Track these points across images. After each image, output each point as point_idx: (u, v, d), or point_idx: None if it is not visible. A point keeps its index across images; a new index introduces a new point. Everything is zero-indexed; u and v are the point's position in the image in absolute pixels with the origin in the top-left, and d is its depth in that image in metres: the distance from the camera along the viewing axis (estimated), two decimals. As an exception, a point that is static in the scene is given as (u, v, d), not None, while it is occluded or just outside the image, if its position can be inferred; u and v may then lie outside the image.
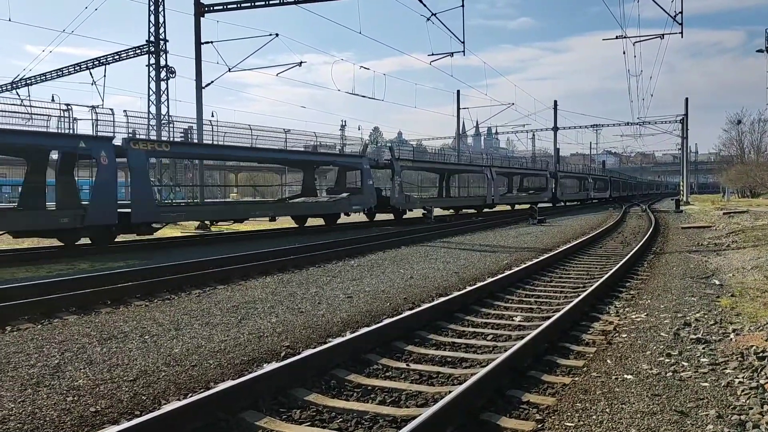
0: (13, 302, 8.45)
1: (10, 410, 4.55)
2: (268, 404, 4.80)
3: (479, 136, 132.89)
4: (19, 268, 13.31)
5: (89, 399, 4.84)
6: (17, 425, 4.30)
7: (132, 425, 3.94)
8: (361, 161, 27.54)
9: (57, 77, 36.06)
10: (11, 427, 4.27)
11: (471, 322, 7.88)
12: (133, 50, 32.56)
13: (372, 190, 27.46)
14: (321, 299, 9.13)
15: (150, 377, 5.40)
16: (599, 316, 8.04)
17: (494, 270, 12.33)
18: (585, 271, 12.41)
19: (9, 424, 4.32)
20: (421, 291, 9.91)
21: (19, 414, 4.49)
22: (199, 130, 23.46)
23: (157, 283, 10.25)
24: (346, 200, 26.35)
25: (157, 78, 31.29)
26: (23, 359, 5.90)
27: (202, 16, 26.73)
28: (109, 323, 7.54)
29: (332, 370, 5.62)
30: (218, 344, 6.51)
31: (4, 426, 4.28)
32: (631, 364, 5.78)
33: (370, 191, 27.15)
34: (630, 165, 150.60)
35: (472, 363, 6.02)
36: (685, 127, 63.26)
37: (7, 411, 4.54)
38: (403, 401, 4.96)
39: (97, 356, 6.02)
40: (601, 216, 34.80)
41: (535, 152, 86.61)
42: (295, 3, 25.94)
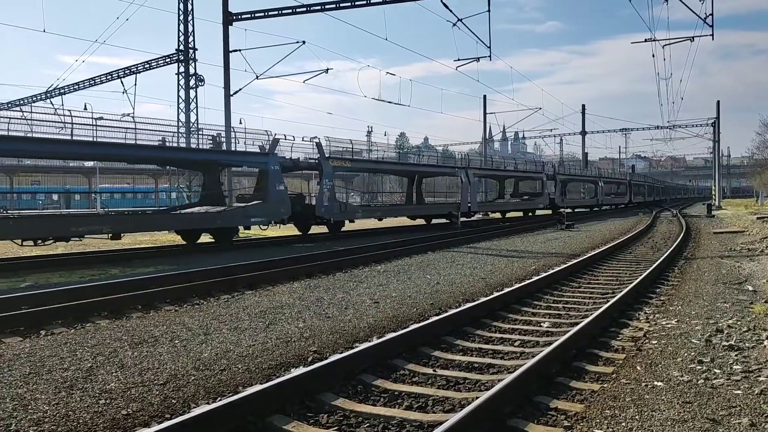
0: (47, 307, 8.63)
1: (44, 412, 4.66)
2: (295, 408, 4.84)
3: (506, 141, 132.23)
4: (53, 273, 13.59)
5: (121, 402, 4.93)
6: (51, 427, 4.40)
7: (162, 428, 4.01)
8: (267, 161, 21.28)
9: (89, 86, 36.76)
10: (46, 429, 4.37)
11: (498, 327, 7.84)
12: (163, 59, 33.07)
13: (282, 197, 21.50)
14: (348, 304, 9.16)
15: (180, 381, 5.48)
16: (629, 322, 7.94)
17: (521, 275, 12.25)
18: (614, 276, 12.25)
19: (44, 426, 4.42)
20: (448, 296, 9.88)
21: (53, 416, 4.59)
22: (228, 136, 23.72)
23: (186, 288, 10.39)
24: (239, 211, 20.66)
25: (186, 86, 31.74)
26: (57, 363, 6.03)
27: (231, 24, 27.07)
28: (140, 328, 7.66)
29: (359, 375, 5.64)
30: (246, 349, 6.57)
31: (39, 428, 4.38)
32: (662, 370, 5.70)
33: (278, 199, 21.22)
34: (660, 169, 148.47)
35: (499, 369, 5.99)
36: (716, 130, 62.17)
37: (42, 413, 4.65)
38: (429, 407, 4.96)
39: (129, 360, 6.13)
40: (631, 221, 34.33)
41: (562, 157, 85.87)
42: (321, 10, 26.12)
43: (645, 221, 32.54)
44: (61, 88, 36.11)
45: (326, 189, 23.26)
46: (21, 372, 5.70)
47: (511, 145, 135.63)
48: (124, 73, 34.08)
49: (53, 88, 36.02)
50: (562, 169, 53.27)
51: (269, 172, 21.20)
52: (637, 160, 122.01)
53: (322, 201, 23.06)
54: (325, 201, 23.16)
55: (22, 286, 11.57)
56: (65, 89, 36.17)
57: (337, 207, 23.98)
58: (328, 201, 23.32)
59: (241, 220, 20.54)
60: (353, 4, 25.77)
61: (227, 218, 19.90)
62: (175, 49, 31.61)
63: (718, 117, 61.60)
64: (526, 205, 43.32)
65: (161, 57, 33.14)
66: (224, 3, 26.96)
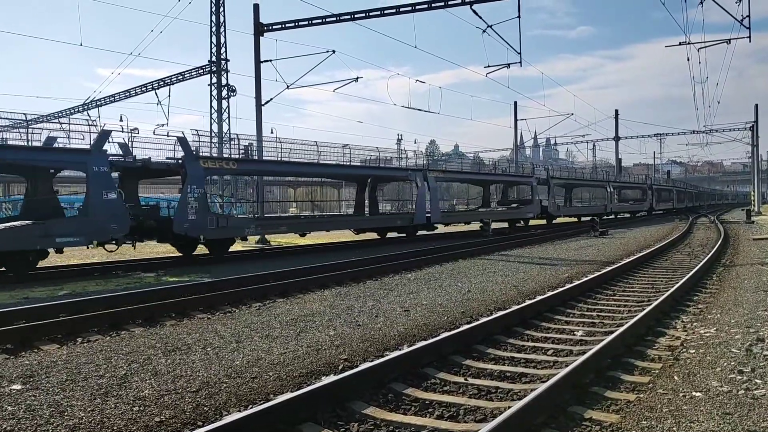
0: (84, 315, 8.80)
1: (80, 419, 4.73)
2: (326, 417, 4.83)
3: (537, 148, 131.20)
4: (89, 281, 13.86)
5: (154, 409, 4.98)
6: (87, 433, 4.46)
7: (194, 435, 4.03)
8: (87, 160, 15.64)
9: (125, 98, 37.58)
10: (81, 435, 4.43)
11: (530, 336, 7.74)
12: (196, 70, 33.65)
13: (113, 208, 15.78)
14: (378, 312, 9.14)
15: (212, 388, 5.52)
16: (665, 330, 7.76)
17: (554, 284, 12.09)
18: (650, 284, 12.02)
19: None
20: (479, 305, 9.80)
21: (89, 423, 4.66)
22: (259, 146, 23.96)
23: (218, 297, 10.49)
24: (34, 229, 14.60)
25: (218, 96, 32.22)
26: (93, 370, 6.13)
27: (262, 35, 27.42)
28: (173, 335, 7.75)
29: (389, 383, 5.61)
30: (277, 357, 6.60)
31: (74, 434, 4.45)
32: (700, 380, 5.55)
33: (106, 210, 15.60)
34: (697, 174, 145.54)
35: (531, 378, 5.91)
36: (755, 134, 60.82)
37: (77, 419, 4.72)
38: (461, 416, 4.91)
39: (162, 367, 6.19)
40: (667, 228, 33.71)
41: (595, 163, 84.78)
42: (351, 20, 26.28)
43: (681, 227, 31.92)
44: (98, 100, 36.98)
45: (192, 197, 17.78)
46: (58, 379, 5.81)
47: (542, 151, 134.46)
48: (158, 85, 34.75)
49: (90, 101, 36.89)
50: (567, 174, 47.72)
51: (90, 174, 15.74)
52: (672, 166, 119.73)
53: (185, 213, 17.57)
54: (191, 213, 17.64)
55: (60, 294, 11.82)
56: (101, 101, 37.02)
57: (212, 221, 18.31)
58: (196, 213, 17.74)
59: (38, 240, 14.63)
60: (382, 12, 25.88)
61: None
62: (208, 60, 32.17)
63: (756, 120, 60.27)
64: (510, 215, 36.76)
65: (194, 68, 33.74)
66: (255, 14, 27.33)
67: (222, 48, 32.23)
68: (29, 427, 4.56)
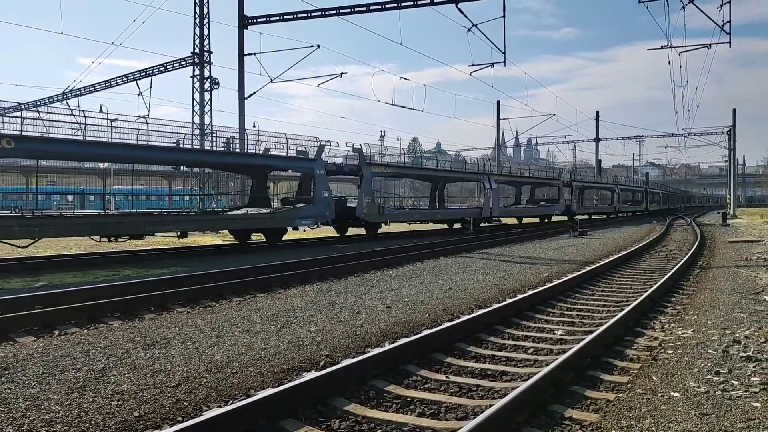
0: (61, 307, 8.67)
1: (57, 413, 4.66)
2: (307, 413, 4.81)
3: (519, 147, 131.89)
4: (66, 273, 13.67)
5: (133, 404, 4.92)
6: (64, 428, 4.40)
7: (175, 430, 3.99)
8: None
9: (105, 88, 37.05)
10: (58, 430, 4.36)
11: (511, 334, 7.78)
12: (179, 62, 33.27)
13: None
14: (360, 309, 9.13)
15: (192, 383, 5.47)
16: (644, 331, 7.85)
17: (534, 282, 12.16)
18: (628, 285, 12.14)
19: (56, 426, 4.42)
20: (461, 302, 9.83)
21: (66, 417, 4.59)
22: (242, 139, 23.79)
23: (199, 290, 10.40)
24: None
25: (201, 89, 31.90)
26: (70, 363, 6.04)
27: (246, 28, 27.23)
28: (152, 329, 7.67)
29: (371, 380, 5.61)
30: (258, 352, 6.56)
31: (51, 428, 4.38)
32: (678, 381, 5.62)
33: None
34: (674, 177, 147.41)
35: (512, 376, 5.93)
36: (732, 138, 61.60)
37: (54, 413, 4.65)
38: (442, 414, 4.91)
39: (141, 361, 6.13)
40: (644, 229, 34.09)
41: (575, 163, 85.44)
42: (336, 15, 26.20)
43: (659, 229, 32.29)
44: (78, 89, 36.46)
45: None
46: (34, 372, 5.72)
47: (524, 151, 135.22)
48: (140, 76, 34.33)
49: (70, 90, 36.36)
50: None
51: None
52: (650, 168, 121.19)
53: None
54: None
55: (36, 286, 11.64)
56: (81, 91, 36.50)
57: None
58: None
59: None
60: (368, 8, 25.85)
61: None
62: (191, 52, 31.81)
63: (734, 124, 61.05)
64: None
65: (177, 60, 33.37)
66: (240, 7, 27.13)
67: (205, 40, 31.90)
68: (4, 421, 4.48)
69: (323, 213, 22.54)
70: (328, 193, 22.98)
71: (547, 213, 42.79)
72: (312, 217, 22.35)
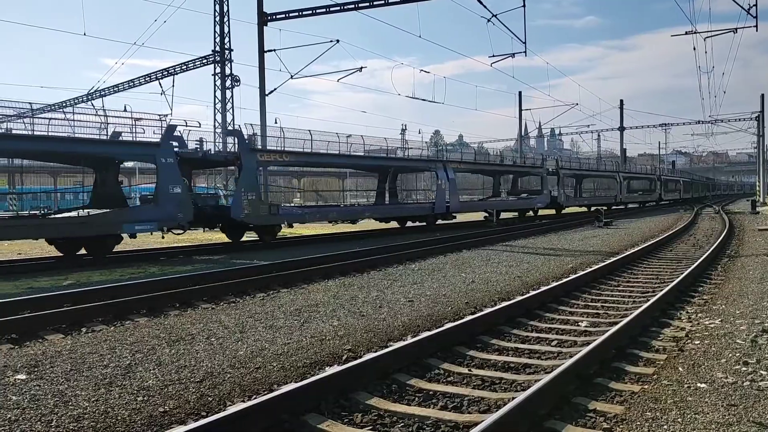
0: (88, 305, 8.82)
1: (84, 408, 4.74)
2: (330, 407, 4.83)
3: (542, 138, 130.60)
4: (93, 271, 13.89)
5: (158, 399, 4.98)
6: (91, 423, 4.47)
7: (198, 426, 4.04)
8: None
9: (129, 88, 37.50)
10: (85, 425, 4.44)
11: (534, 327, 7.72)
12: (200, 60, 33.56)
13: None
14: (382, 303, 9.14)
15: (216, 379, 5.52)
16: (670, 321, 7.74)
17: (558, 274, 12.06)
18: (654, 275, 11.98)
19: (83, 422, 4.49)
20: (483, 295, 9.79)
21: (93, 412, 4.67)
22: (263, 136, 23.91)
23: (223, 287, 10.51)
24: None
25: (222, 86, 32.16)
26: (97, 360, 6.14)
27: (265, 25, 27.30)
28: (177, 325, 7.76)
29: (393, 374, 5.61)
30: (281, 347, 6.60)
31: (78, 424, 4.45)
32: (705, 372, 5.53)
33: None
34: (701, 165, 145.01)
35: (536, 369, 5.89)
36: (761, 124, 60.42)
37: (81, 409, 4.73)
38: (465, 407, 4.90)
39: (166, 357, 6.20)
40: (671, 218, 33.62)
41: (600, 153, 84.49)
42: (355, 9, 26.14)
43: (686, 218, 31.83)
44: (102, 90, 36.93)
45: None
46: (62, 368, 5.82)
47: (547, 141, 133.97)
48: (162, 75, 34.69)
49: (94, 90, 36.84)
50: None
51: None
52: (677, 156, 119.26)
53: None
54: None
55: (64, 284, 11.84)
56: (106, 91, 36.97)
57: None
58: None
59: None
60: (387, 2, 25.74)
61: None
62: (212, 50, 32.06)
63: (762, 110, 59.88)
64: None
65: (198, 58, 33.67)
66: (259, 4, 27.21)
67: (226, 38, 32.14)
68: (34, 417, 4.57)
69: (172, 214, 17.16)
70: (180, 187, 17.49)
71: (526, 206, 37.35)
72: (154, 221, 17.05)
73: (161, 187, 17.27)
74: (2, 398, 4.97)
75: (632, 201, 55.24)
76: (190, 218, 17.93)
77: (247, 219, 19.32)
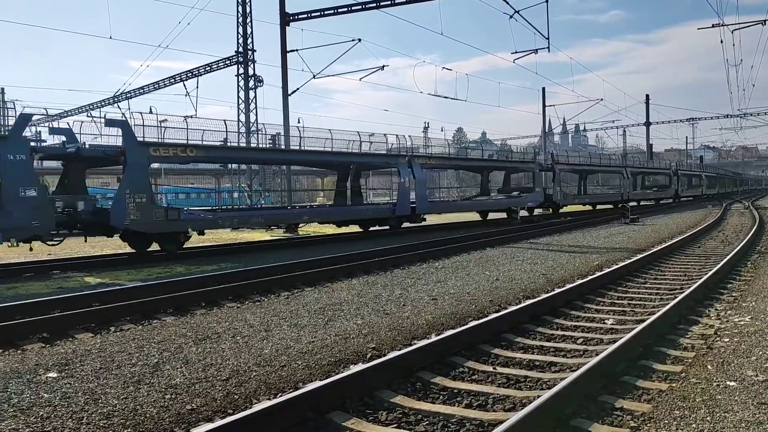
0: (116, 304, 8.96)
1: (114, 406, 4.82)
2: (354, 405, 4.85)
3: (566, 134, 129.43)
4: (120, 271, 14.09)
5: (186, 397, 5.05)
6: (120, 421, 4.55)
7: (225, 423, 4.08)
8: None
9: (154, 90, 38.03)
10: (115, 423, 4.51)
11: (560, 325, 7.67)
12: (223, 61, 33.84)
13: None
14: (406, 301, 9.14)
15: (242, 377, 5.58)
16: (698, 319, 7.63)
17: (584, 271, 11.95)
18: (682, 272, 11.82)
19: (113, 419, 4.57)
20: (508, 293, 9.74)
21: (122, 410, 4.74)
22: (286, 136, 24.07)
23: (248, 286, 10.60)
24: None
25: (246, 87, 32.39)
26: (125, 358, 6.23)
27: (288, 25, 27.44)
28: (203, 324, 7.85)
29: (418, 372, 5.61)
30: (306, 345, 6.64)
31: (108, 421, 4.53)
32: (735, 370, 5.45)
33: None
34: (730, 159, 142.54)
35: (561, 367, 5.85)
36: (791, 117, 59.14)
37: (111, 407, 4.81)
38: (490, 405, 4.88)
39: (193, 356, 6.28)
40: (699, 214, 33.11)
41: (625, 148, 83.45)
42: (376, 7, 26.16)
43: (715, 213, 31.31)
44: (128, 92, 37.48)
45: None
46: (92, 367, 5.92)
47: (571, 137, 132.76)
48: (187, 77, 35.07)
49: (120, 93, 37.40)
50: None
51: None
52: (705, 151, 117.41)
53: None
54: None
55: (93, 284, 12.04)
56: (131, 93, 37.51)
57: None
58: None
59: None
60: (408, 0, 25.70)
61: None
62: (235, 51, 32.28)
63: (792, 103, 58.55)
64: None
65: (221, 59, 33.93)
66: (281, 4, 27.35)
67: (248, 39, 32.35)
68: (65, 414, 4.66)
69: (22, 222, 14.23)
70: (35, 190, 14.53)
71: (513, 206, 31.89)
72: None
73: (6, 190, 14.07)
74: (34, 396, 5.08)
75: (644, 198, 50.93)
76: (52, 227, 15.08)
77: (134, 226, 15.99)
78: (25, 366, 5.98)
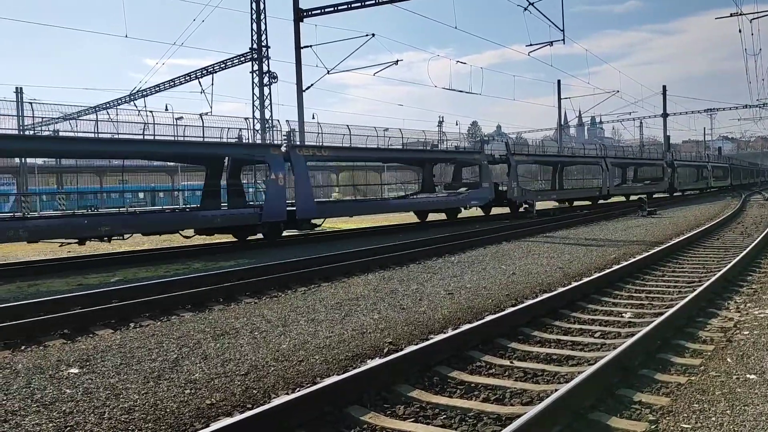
0: (136, 300, 9.06)
1: (134, 401, 4.89)
2: (372, 399, 4.88)
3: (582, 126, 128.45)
4: (139, 268, 14.23)
5: (205, 392, 5.10)
6: (141, 415, 4.61)
7: (244, 418, 4.13)
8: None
9: (169, 87, 38.16)
10: (136, 417, 4.58)
11: (577, 318, 7.64)
12: (238, 58, 33.89)
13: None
14: (422, 296, 9.15)
15: (260, 372, 5.63)
16: (717, 312, 7.57)
17: (601, 265, 11.89)
18: (701, 264, 11.71)
19: (134, 414, 4.64)
20: (524, 287, 9.71)
21: (143, 405, 4.81)
22: (301, 132, 24.11)
23: (265, 281, 10.66)
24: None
25: (260, 83, 32.45)
26: (145, 354, 6.31)
27: (301, 21, 27.47)
28: (221, 320, 7.92)
29: (435, 366, 5.62)
30: (323, 340, 6.67)
31: (129, 416, 4.60)
32: (755, 363, 5.40)
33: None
34: (750, 150, 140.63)
35: (579, 361, 5.84)
36: (812, 106, 58.27)
37: (132, 402, 4.87)
38: (507, 399, 4.89)
39: (212, 351, 6.34)
40: (718, 206, 32.76)
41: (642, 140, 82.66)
42: (390, 2, 26.13)
43: (733, 205, 30.96)
44: (144, 90, 37.67)
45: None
46: (113, 362, 6.00)
47: (587, 130, 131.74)
48: (202, 74, 35.17)
49: (136, 91, 37.62)
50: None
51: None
52: (723, 142, 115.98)
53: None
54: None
55: (113, 281, 12.18)
56: (147, 91, 37.71)
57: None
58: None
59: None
60: (421, -7, 25.60)
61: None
62: (249, 47, 32.32)
63: (813, 93, 57.67)
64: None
65: (236, 56, 33.97)
66: (295, 0, 27.37)
67: (263, 35, 32.38)
68: (87, 409, 4.73)
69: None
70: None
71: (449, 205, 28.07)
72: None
73: None
74: (57, 391, 5.16)
75: (630, 193, 44.79)
76: None
77: None
78: (47, 362, 6.08)
